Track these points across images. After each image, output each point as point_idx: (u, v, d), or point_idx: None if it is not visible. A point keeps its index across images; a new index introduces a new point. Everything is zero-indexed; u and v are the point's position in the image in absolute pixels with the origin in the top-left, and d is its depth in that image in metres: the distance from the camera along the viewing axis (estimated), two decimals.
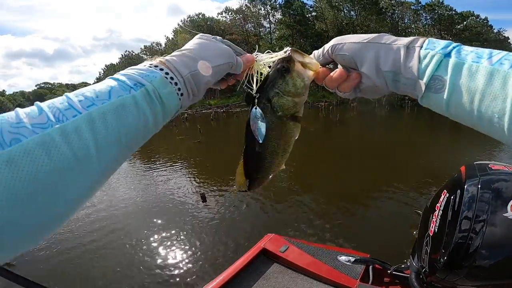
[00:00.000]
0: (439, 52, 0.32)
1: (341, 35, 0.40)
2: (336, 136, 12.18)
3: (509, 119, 0.27)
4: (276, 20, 35.56)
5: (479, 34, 39.13)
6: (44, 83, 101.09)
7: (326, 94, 30.74)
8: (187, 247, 3.63)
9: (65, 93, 0.30)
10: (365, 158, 7.70)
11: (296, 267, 1.49)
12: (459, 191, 0.74)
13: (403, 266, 1.06)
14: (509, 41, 48.65)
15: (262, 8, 35.87)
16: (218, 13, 38.82)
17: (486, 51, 0.31)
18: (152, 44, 44.92)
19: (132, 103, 0.31)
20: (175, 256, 3.46)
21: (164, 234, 3.98)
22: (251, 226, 4.16)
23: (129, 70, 0.34)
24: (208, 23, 36.58)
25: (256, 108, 0.41)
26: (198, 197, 5.13)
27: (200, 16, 38.07)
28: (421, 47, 0.33)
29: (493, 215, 0.69)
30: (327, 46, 0.40)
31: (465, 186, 0.73)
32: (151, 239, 3.87)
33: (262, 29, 37.43)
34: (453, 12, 37.34)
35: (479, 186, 0.71)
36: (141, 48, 48.31)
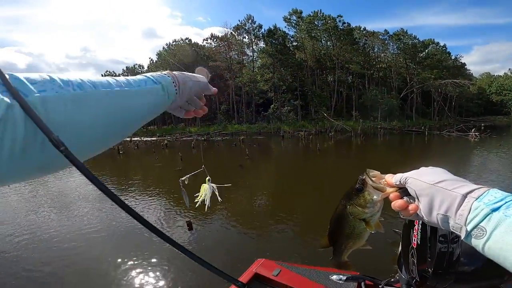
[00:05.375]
0: (488, 206, 0.36)
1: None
2: (317, 163, 12.51)
3: None
4: (259, 49, 36.92)
5: (439, 61, 41.93)
6: None
7: (305, 124, 31.16)
8: (177, 275, 3.44)
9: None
10: (344, 183, 7.99)
11: None
12: None
13: (392, 280, 1.08)
14: (466, 67, 52.73)
15: (246, 37, 37.30)
16: (204, 39, 40.04)
17: None
18: (134, 66, 45.03)
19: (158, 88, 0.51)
20: (165, 286, 3.28)
21: (149, 263, 3.74)
22: (239, 252, 4.04)
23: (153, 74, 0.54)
24: (193, 48, 37.53)
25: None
26: (184, 225, 4.95)
27: (187, 41, 39.11)
28: (477, 198, 0.38)
29: None
30: (404, 175, 0.49)
31: None
32: (136, 270, 3.62)
33: (245, 57, 38.77)
34: (416, 40, 40.15)
35: None
36: (123, 69, 47.81)
